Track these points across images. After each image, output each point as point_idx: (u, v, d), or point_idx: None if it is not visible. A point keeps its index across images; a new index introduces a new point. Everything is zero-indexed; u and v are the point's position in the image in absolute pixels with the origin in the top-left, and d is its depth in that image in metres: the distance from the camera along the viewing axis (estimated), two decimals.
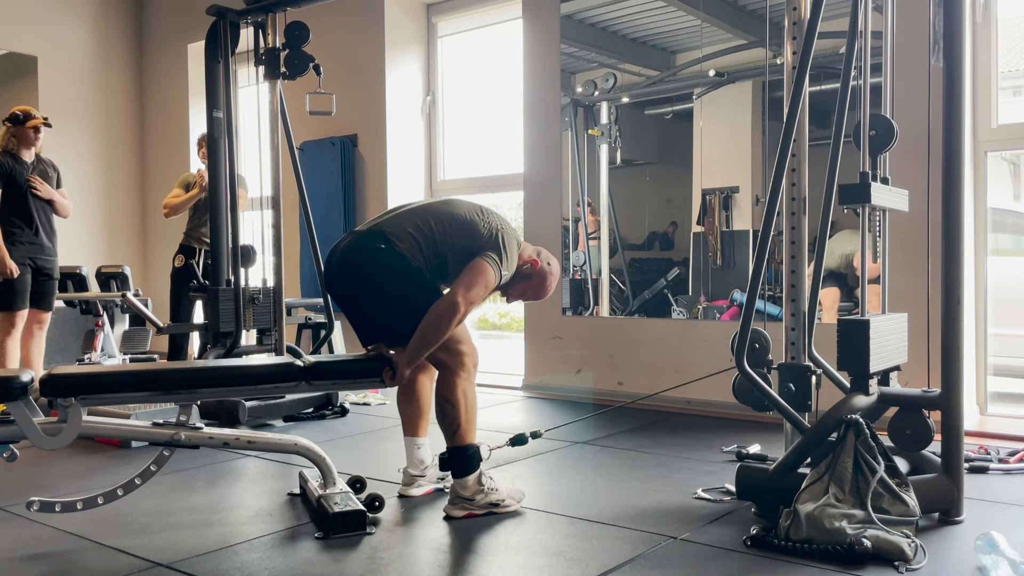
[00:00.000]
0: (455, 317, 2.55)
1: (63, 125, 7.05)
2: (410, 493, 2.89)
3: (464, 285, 2.60)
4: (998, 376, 4.29)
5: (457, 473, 2.65)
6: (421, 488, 2.90)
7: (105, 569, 2.23)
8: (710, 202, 4.61)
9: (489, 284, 2.66)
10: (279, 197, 4.33)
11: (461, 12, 6.06)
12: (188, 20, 7.04)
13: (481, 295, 2.66)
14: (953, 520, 2.49)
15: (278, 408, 4.20)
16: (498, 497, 2.66)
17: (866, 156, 2.65)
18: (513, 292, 2.94)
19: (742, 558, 2.25)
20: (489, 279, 2.65)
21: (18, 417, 2.32)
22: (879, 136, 2.69)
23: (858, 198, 2.59)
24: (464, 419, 2.65)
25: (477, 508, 2.63)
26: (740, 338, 2.55)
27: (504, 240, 2.73)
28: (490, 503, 2.65)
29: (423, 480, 2.91)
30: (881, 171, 2.77)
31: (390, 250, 2.63)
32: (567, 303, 5.15)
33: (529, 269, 2.86)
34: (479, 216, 2.76)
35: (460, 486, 2.64)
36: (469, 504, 2.63)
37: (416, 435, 2.91)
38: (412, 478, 2.90)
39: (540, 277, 2.89)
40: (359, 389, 2.69)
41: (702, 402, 4.41)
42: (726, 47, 4.57)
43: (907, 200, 2.86)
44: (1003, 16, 4.08)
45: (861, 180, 2.60)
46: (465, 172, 6.22)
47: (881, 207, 2.71)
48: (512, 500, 2.70)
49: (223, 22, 4.21)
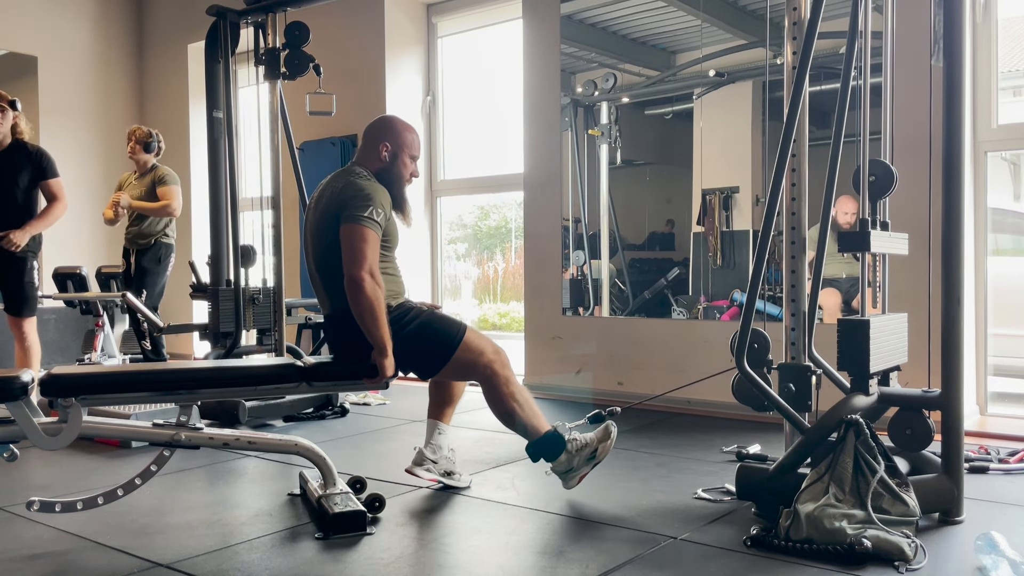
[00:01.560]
0: (361, 294, 2.55)
1: (63, 125, 7.06)
2: (416, 472, 2.90)
3: (346, 262, 2.59)
4: (998, 376, 4.29)
5: (549, 458, 2.76)
6: (429, 473, 2.91)
7: (105, 569, 2.23)
8: (710, 202, 4.61)
9: (366, 239, 2.59)
10: (279, 197, 4.33)
11: (461, 12, 6.06)
12: (188, 20, 7.04)
13: (368, 254, 2.59)
14: (953, 520, 2.49)
15: (278, 408, 4.20)
16: (589, 450, 2.75)
17: (865, 202, 2.66)
18: (403, 183, 2.85)
19: (742, 558, 2.25)
20: (360, 237, 2.59)
21: (18, 417, 2.32)
22: (878, 182, 2.72)
23: (858, 246, 2.61)
24: (527, 416, 2.74)
25: (583, 470, 2.77)
26: (740, 338, 2.55)
27: (352, 187, 2.68)
28: (587, 460, 2.76)
29: (433, 467, 2.91)
30: (881, 216, 2.79)
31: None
32: (567, 303, 5.15)
33: (387, 158, 2.81)
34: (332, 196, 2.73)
35: (558, 465, 2.76)
36: (573, 472, 2.76)
37: (440, 419, 2.94)
38: (423, 459, 2.92)
39: (395, 147, 2.82)
40: (359, 390, 2.69)
41: (702, 402, 4.41)
42: (726, 47, 4.57)
43: (907, 244, 2.87)
44: (1003, 16, 4.07)
45: (860, 227, 2.62)
46: (465, 172, 6.23)
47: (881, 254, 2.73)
48: (601, 441, 2.78)
49: (223, 22, 4.21)
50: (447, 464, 2.94)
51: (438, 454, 2.92)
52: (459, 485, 2.95)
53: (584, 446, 2.76)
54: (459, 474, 2.97)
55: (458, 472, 2.98)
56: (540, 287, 5.27)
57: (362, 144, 2.88)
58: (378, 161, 2.82)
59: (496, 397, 2.74)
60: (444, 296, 6.42)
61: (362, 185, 2.68)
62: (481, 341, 2.75)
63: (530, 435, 2.75)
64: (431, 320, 2.75)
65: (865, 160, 2.70)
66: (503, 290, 6.78)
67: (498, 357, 2.74)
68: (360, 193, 2.65)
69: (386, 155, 2.82)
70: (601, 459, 2.77)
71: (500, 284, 6.82)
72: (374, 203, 2.64)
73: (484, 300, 6.82)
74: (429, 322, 2.74)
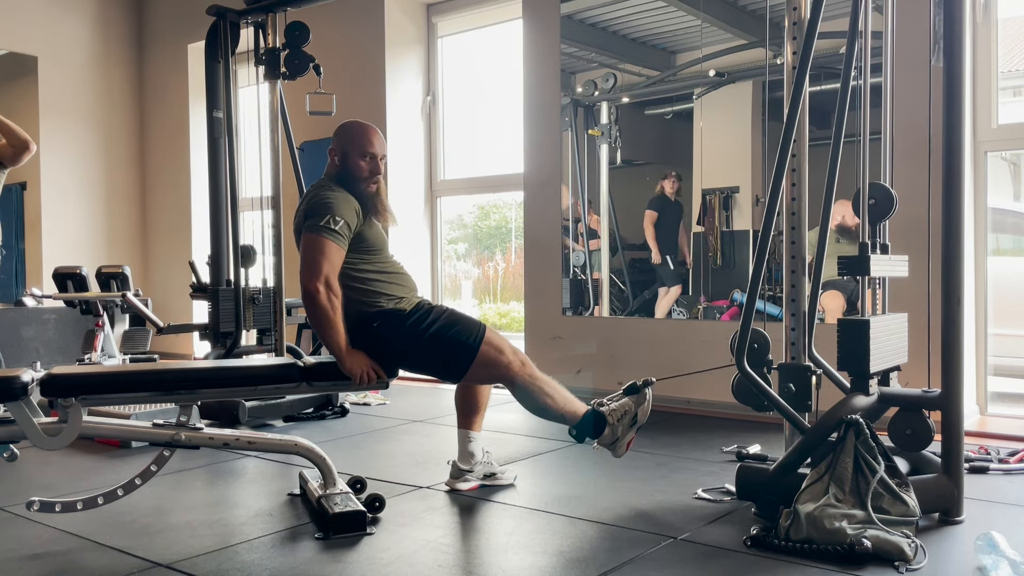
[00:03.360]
0: (314, 305, 2.57)
1: (63, 125, 7.06)
2: (457, 487, 2.92)
3: (301, 272, 2.61)
4: (998, 376, 4.28)
5: (594, 436, 2.81)
6: (468, 483, 2.93)
7: (105, 569, 2.23)
8: (710, 202, 4.61)
9: (321, 249, 2.58)
10: (279, 197, 4.33)
11: (461, 12, 6.06)
12: (188, 20, 7.04)
13: (322, 264, 2.57)
14: (953, 520, 2.49)
15: (278, 408, 4.20)
16: (629, 417, 2.81)
17: (865, 225, 2.66)
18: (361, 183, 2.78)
19: (742, 558, 2.25)
20: (314, 248, 2.58)
21: (18, 417, 2.32)
22: (878, 204, 2.72)
23: (857, 270, 2.61)
24: (562, 405, 2.79)
25: (628, 437, 2.83)
26: (740, 338, 2.55)
27: (312, 198, 2.68)
28: (630, 426, 2.82)
29: (471, 475, 2.93)
30: (881, 238, 2.79)
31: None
32: (567, 303, 5.15)
33: (337, 161, 2.79)
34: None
35: (603, 440, 2.80)
36: (620, 441, 2.81)
37: (470, 428, 2.94)
38: (460, 472, 2.93)
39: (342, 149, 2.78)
40: (359, 390, 2.69)
41: (702, 402, 4.41)
42: (726, 47, 4.57)
43: (907, 266, 2.87)
44: (1003, 16, 4.07)
45: (860, 252, 2.62)
46: (465, 172, 6.23)
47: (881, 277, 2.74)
48: (639, 405, 2.82)
49: (223, 22, 4.21)
50: (484, 468, 2.95)
51: (472, 462, 2.93)
52: (505, 483, 2.97)
53: (624, 414, 2.80)
54: (500, 472, 2.99)
55: (499, 471, 2.99)
56: (540, 287, 5.27)
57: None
58: (332, 167, 2.82)
59: (525, 396, 2.76)
60: (444, 296, 6.42)
61: (322, 195, 2.68)
62: (501, 340, 2.75)
63: (569, 421, 2.80)
64: (450, 322, 2.73)
65: (865, 183, 2.69)
66: (503, 290, 6.78)
67: (516, 357, 2.75)
68: (318, 203, 2.65)
69: (336, 159, 2.81)
70: (643, 422, 2.83)
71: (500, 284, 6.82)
72: (332, 211, 2.62)
73: (484, 300, 6.81)
74: (449, 324, 2.72)
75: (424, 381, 5.67)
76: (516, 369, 2.72)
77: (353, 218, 2.68)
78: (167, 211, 7.49)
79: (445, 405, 4.80)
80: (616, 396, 2.89)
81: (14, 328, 6.51)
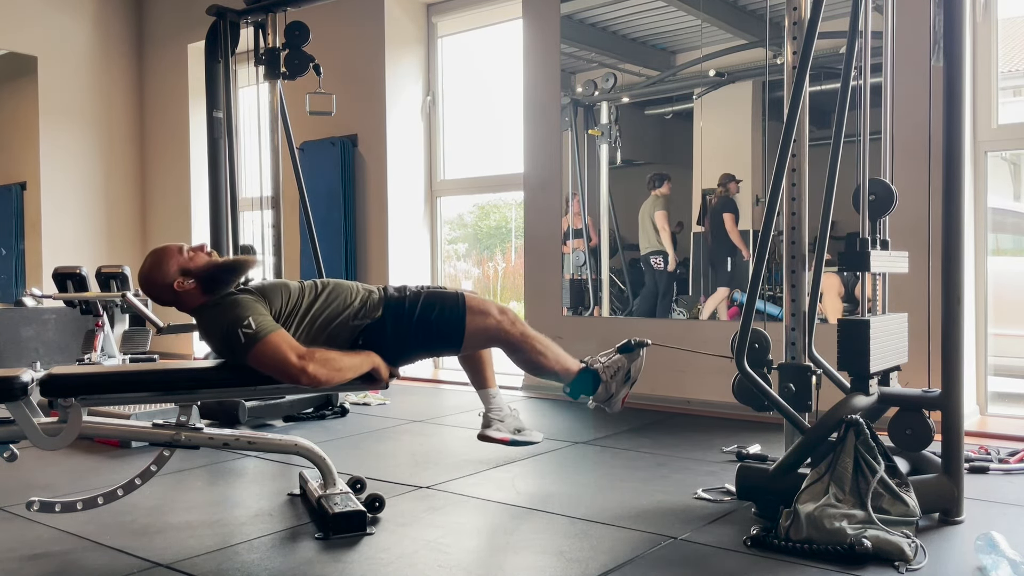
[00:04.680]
0: (317, 379, 2.43)
1: (63, 125, 7.06)
2: (488, 435, 2.93)
3: (280, 377, 2.47)
4: (998, 376, 4.29)
5: (589, 392, 2.84)
6: (500, 432, 2.93)
7: (105, 569, 2.23)
8: (710, 202, 4.61)
9: (272, 347, 2.41)
10: (279, 197, 4.33)
11: (461, 12, 6.06)
12: (188, 20, 7.04)
13: (285, 354, 2.41)
14: (953, 520, 2.49)
15: (278, 408, 4.21)
16: (622, 373, 2.85)
17: (865, 221, 2.66)
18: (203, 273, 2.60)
19: (742, 558, 2.25)
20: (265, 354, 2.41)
21: (18, 417, 2.32)
22: (878, 201, 2.72)
23: (858, 265, 2.61)
24: (555, 361, 2.80)
25: (622, 392, 2.87)
26: (740, 338, 2.55)
27: (219, 326, 2.50)
28: (623, 382, 2.86)
29: (502, 426, 2.94)
30: (880, 234, 2.79)
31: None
32: (567, 303, 5.15)
33: (185, 285, 2.61)
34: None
35: (597, 396, 2.84)
36: (614, 398, 2.85)
37: (487, 386, 2.96)
38: (490, 420, 2.95)
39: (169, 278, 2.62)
40: (359, 390, 2.69)
41: (702, 402, 4.41)
42: (726, 47, 4.56)
43: (907, 262, 2.87)
44: (1003, 16, 4.07)
45: (860, 247, 2.62)
46: (465, 172, 6.22)
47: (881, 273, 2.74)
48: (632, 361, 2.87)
49: (223, 22, 4.21)
50: (513, 422, 2.97)
51: (501, 413, 2.96)
52: (532, 440, 2.99)
53: (617, 370, 2.82)
54: (528, 430, 3.00)
55: (527, 428, 3.00)
56: (540, 287, 5.27)
57: (175, 302, 2.68)
58: (196, 295, 2.61)
59: (518, 354, 2.76)
60: None
61: (221, 320, 2.49)
62: (483, 303, 2.73)
63: (563, 378, 2.82)
64: (428, 304, 2.68)
65: (865, 179, 2.69)
66: (503, 290, 6.78)
67: (505, 316, 2.73)
68: (227, 327, 2.45)
69: (187, 285, 2.60)
70: (636, 378, 2.85)
71: (500, 284, 6.82)
72: (244, 319, 2.43)
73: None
74: (428, 306, 2.67)
75: (424, 381, 5.67)
76: (507, 327, 2.71)
77: (260, 304, 2.53)
78: (167, 211, 7.49)
79: (445, 405, 4.80)
80: (608, 353, 2.90)
81: (14, 328, 6.51)
